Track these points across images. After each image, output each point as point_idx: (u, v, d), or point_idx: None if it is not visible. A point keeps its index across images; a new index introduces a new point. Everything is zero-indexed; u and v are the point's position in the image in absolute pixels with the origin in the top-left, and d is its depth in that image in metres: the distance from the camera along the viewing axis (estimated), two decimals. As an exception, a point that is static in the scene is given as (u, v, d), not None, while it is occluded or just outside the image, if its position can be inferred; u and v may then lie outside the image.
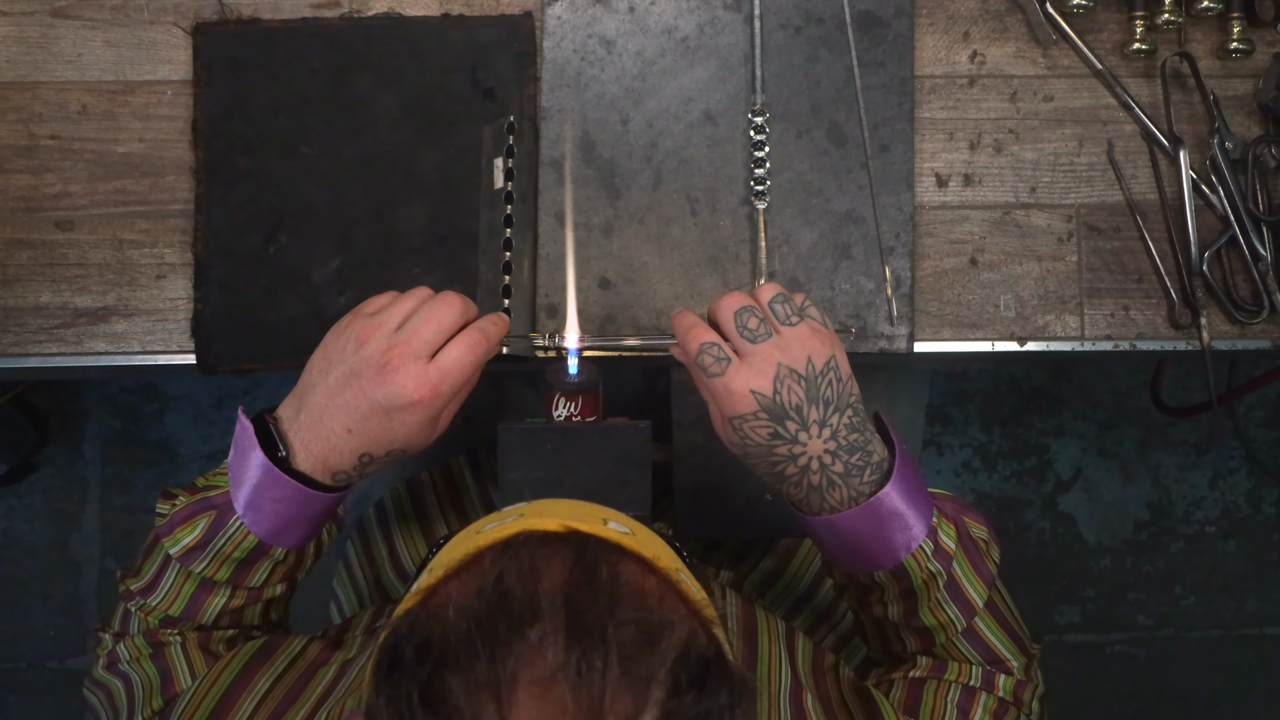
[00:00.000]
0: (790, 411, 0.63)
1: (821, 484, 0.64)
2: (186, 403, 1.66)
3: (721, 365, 0.64)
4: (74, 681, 1.64)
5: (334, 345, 0.67)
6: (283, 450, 0.67)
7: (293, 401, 0.68)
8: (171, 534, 0.71)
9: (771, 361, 0.63)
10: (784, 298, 0.66)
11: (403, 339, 0.65)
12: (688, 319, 0.67)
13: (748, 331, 0.64)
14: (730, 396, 0.64)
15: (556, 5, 0.81)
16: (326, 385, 0.66)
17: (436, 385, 0.65)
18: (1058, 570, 1.71)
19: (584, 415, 0.71)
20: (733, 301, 0.66)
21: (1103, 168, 0.83)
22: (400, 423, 0.65)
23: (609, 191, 0.81)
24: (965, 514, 0.73)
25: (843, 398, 0.65)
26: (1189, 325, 0.82)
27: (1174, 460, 1.72)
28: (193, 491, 0.72)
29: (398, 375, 0.64)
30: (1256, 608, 1.72)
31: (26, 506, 1.65)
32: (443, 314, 0.67)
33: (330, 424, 0.66)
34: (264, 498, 0.67)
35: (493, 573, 0.46)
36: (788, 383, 0.63)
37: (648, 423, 0.70)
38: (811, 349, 0.64)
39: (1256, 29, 0.84)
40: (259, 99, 0.81)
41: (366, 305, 0.69)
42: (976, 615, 0.70)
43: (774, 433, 0.64)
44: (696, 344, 0.65)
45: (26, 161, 0.82)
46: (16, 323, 0.81)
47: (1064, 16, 0.83)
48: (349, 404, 0.65)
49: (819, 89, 0.81)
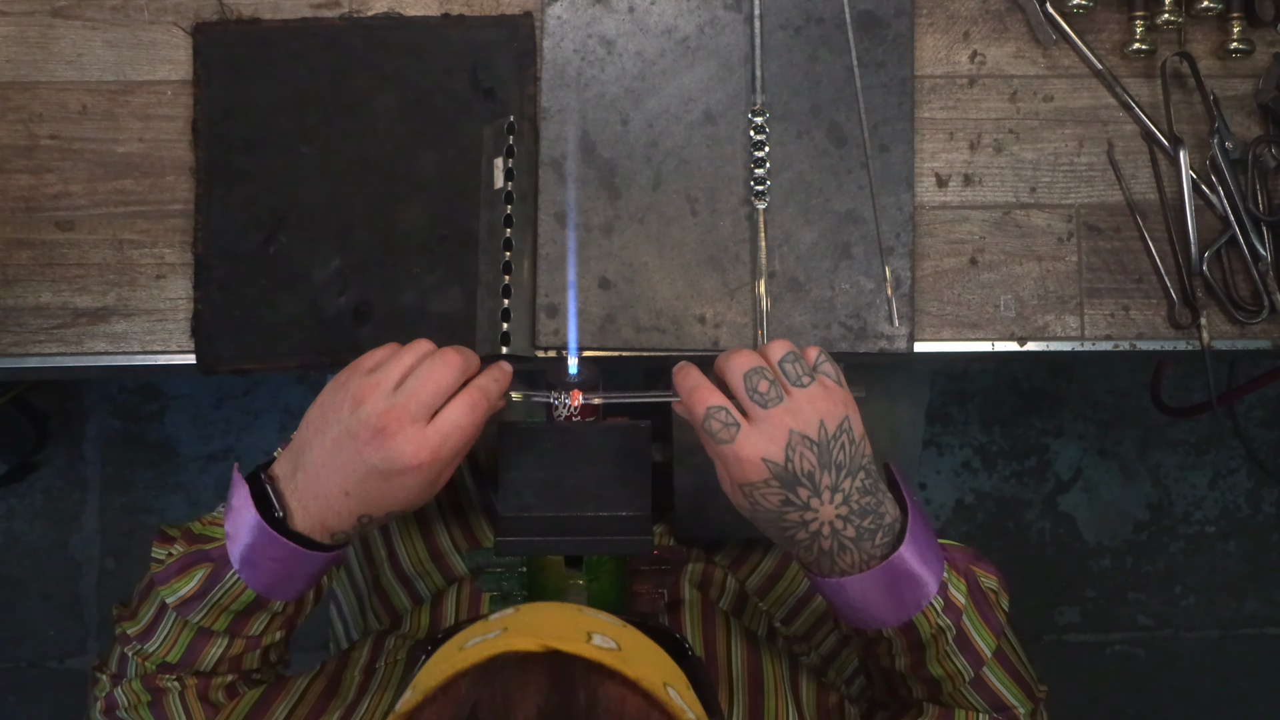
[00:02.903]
0: (802, 478, 0.61)
1: (833, 549, 0.63)
2: (186, 403, 1.66)
3: (730, 431, 0.62)
4: (74, 681, 1.65)
5: (330, 403, 0.65)
6: (279, 511, 0.65)
7: (289, 458, 0.66)
8: (168, 583, 0.69)
9: (783, 428, 0.61)
10: (794, 356, 0.64)
11: (400, 401, 0.63)
12: (692, 377, 0.65)
13: (758, 395, 0.62)
14: (740, 464, 0.62)
15: (556, 5, 0.81)
16: (323, 445, 0.64)
17: (436, 449, 0.63)
18: (1058, 570, 1.71)
19: (584, 415, 0.71)
20: (742, 362, 0.63)
21: (1103, 168, 0.83)
22: (399, 486, 0.63)
23: (609, 191, 0.81)
24: (975, 564, 0.72)
25: (855, 460, 0.63)
26: (1189, 325, 0.82)
27: (1174, 460, 1.72)
28: (189, 539, 0.70)
29: (395, 439, 0.62)
30: (1256, 608, 1.72)
31: (26, 506, 1.65)
32: (442, 374, 0.64)
33: (328, 485, 0.64)
34: (261, 556, 0.65)
35: (467, 702, 0.45)
36: (800, 449, 0.61)
37: (648, 423, 0.70)
38: (824, 411, 0.62)
39: (1256, 29, 0.84)
40: (259, 99, 0.81)
41: (364, 360, 0.66)
42: (985, 665, 0.68)
43: (785, 500, 0.62)
44: (703, 407, 0.62)
45: (26, 161, 0.82)
46: (16, 323, 0.81)
47: (1064, 16, 0.83)
48: (346, 466, 0.63)
49: (819, 89, 0.81)
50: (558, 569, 0.71)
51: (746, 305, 0.81)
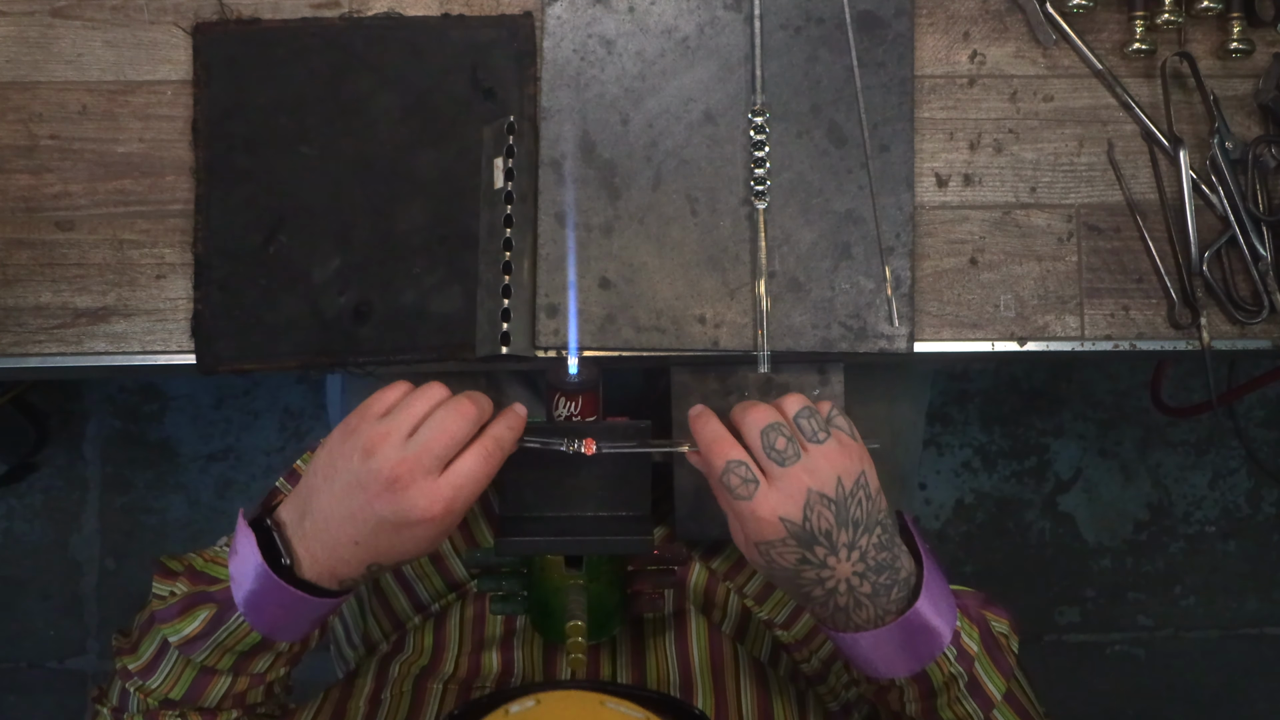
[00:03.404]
0: (819, 537, 0.61)
1: (848, 605, 0.63)
2: (186, 403, 1.66)
3: (749, 488, 0.61)
4: (74, 681, 1.65)
5: (339, 450, 0.63)
6: (286, 558, 0.64)
7: (296, 504, 0.65)
8: (170, 623, 0.67)
9: (801, 487, 0.61)
10: (809, 411, 0.63)
11: (413, 454, 0.61)
12: (710, 427, 0.64)
13: (775, 453, 0.62)
14: (758, 523, 0.61)
15: (556, 5, 0.81)
16: (331, 493, 0.63)
17: (449, 501, 0.62)
18: (1058, 570, 1.71)
19: (584, 415, 0.71)
20: (758, 417, 0.63)
21: (1103, 168, 0.83)
22: (410, 537, 0.62)
23: (609, 191, 0.81)
24: (986, 608, 0.72)
25: (872, 516, 0.63)
26: (1189, 325, 0.82)
27: (1174, 460, 1.72)
28: (192, 577, 0.69)
29: (408, 492, 0.61)
30: (1256, 608, 1.72)
31: (26, 506, 1.65)
32: (456, 424, 0.62)
33: (336, 534, 0.63)
34: (267, 601, 0.64)
35: None
36: (818, 508, 0.61)
37: (648, 423, 0.70)
38: (841, 468, 0.62)
39: (1256, 29, 0.84)
40: (259, 99, 0.81)
41: (374, 403, 0.65)
42: (995, 708, 0.68)
43: (802, 558, 0.62)
44: (722, 461, 0.62)
45: (26, 161, 0.82)
46: (16, 323, 0.81)
47: (1064, 16, 0.83)
48: (355, 516, 0.62)
49: (819, 89, 0.81)
50: (558, 569, 0.71)
51: (746, 305, 0.81)
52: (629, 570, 0.75)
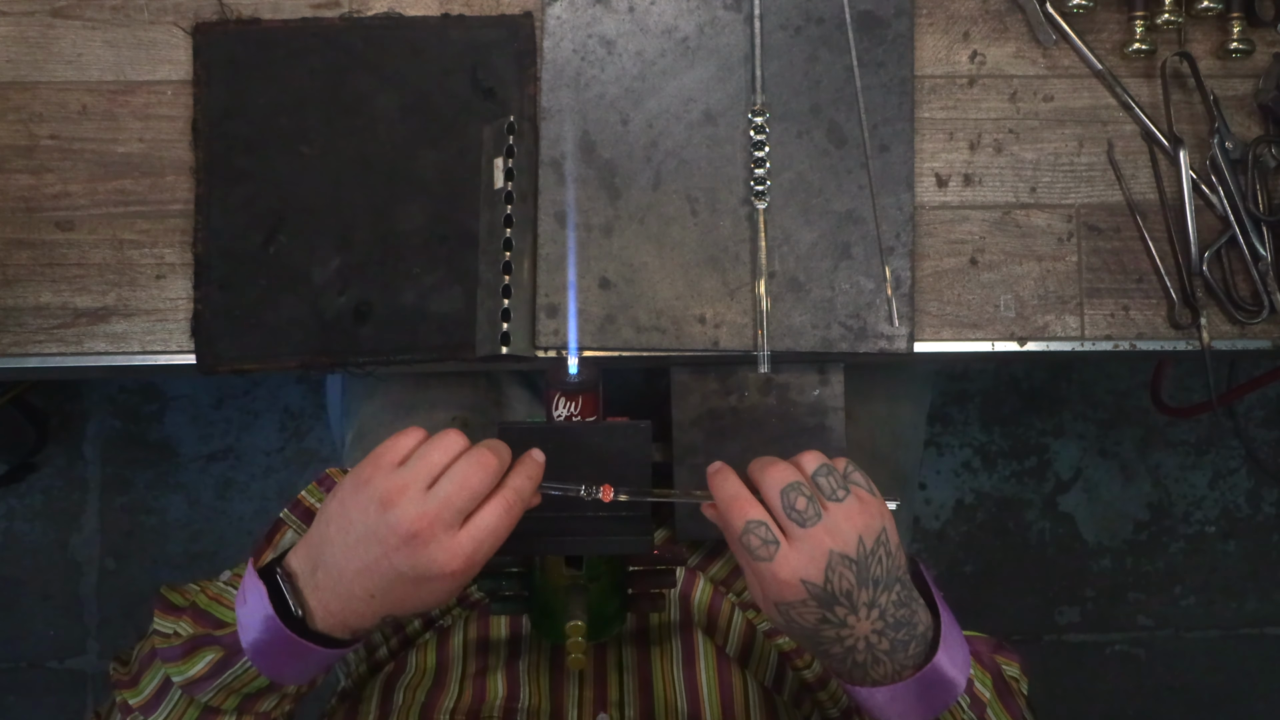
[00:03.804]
0: (840, 597, 0.61)
1: (866, 661, 0.62)
2: (186, 403, 1.66)
3: (770, 550, 0.60)
4: (74, 681, 1.65)
5: (353, 500, 0.61)
6: (298, 609, 0.62)
7: (307, 554, 0.63)
8: (174, 663, 0.66)
9: (823, 549, 0.60)
10: (828, 469, 0.63)
11: (433, 508, 0.60)
12: (730, 485, 0.63)
13: (796, 514, 0.61)
14: (778, 584, 0.61)
15: (556, 5, 0.81)
16: (346, 544, 0.61)
17: (470, 556, 0.60)
18: (1058, 570, 1.71)
19: (584, 415, 0.71)
20: (778, 476, 0.62)
21: (1103, 168, 0.83)
22: (428, 591, 0.61)
23: (609, 191, 0.81)
24: (998, 653, 0.71)
25: (891, 573, 0.62)
26: (1189, 325, 0.82)
27: (1174, 460, 1.72)
28: (197, 616, 0.67)
29: (428, 548, 0.59)
30: (1256, 608, 1.72)
31: (26, 506, 1.65)
32: (478, 478, 0.61)
33: (351, 587, 0.61)
34: (276, 650, 0.62)
35: None
36: (839, 569, 0.60)
37: (648, 423, 0.70)
38: (862, 527, 0.61)
39: (1256, 29, 0.84)
40: (259, 99, 0.81)
41: (387, 451, 0.63)
42: None
43: (822, 618, 0.61)
44: (742, 521, 0.61)
45: (26, 161, 0.82)
46: (16, 323, 0.81)
47: (1064, 16, 0.83)
48: (372, 570, 0.60)
49: (819, 89, 0.81)
50: (558, 569, 0.71)
51: (746, 305, 0.81)
52: (629, 570, 0.75)
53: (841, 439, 0.83)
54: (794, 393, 0.83)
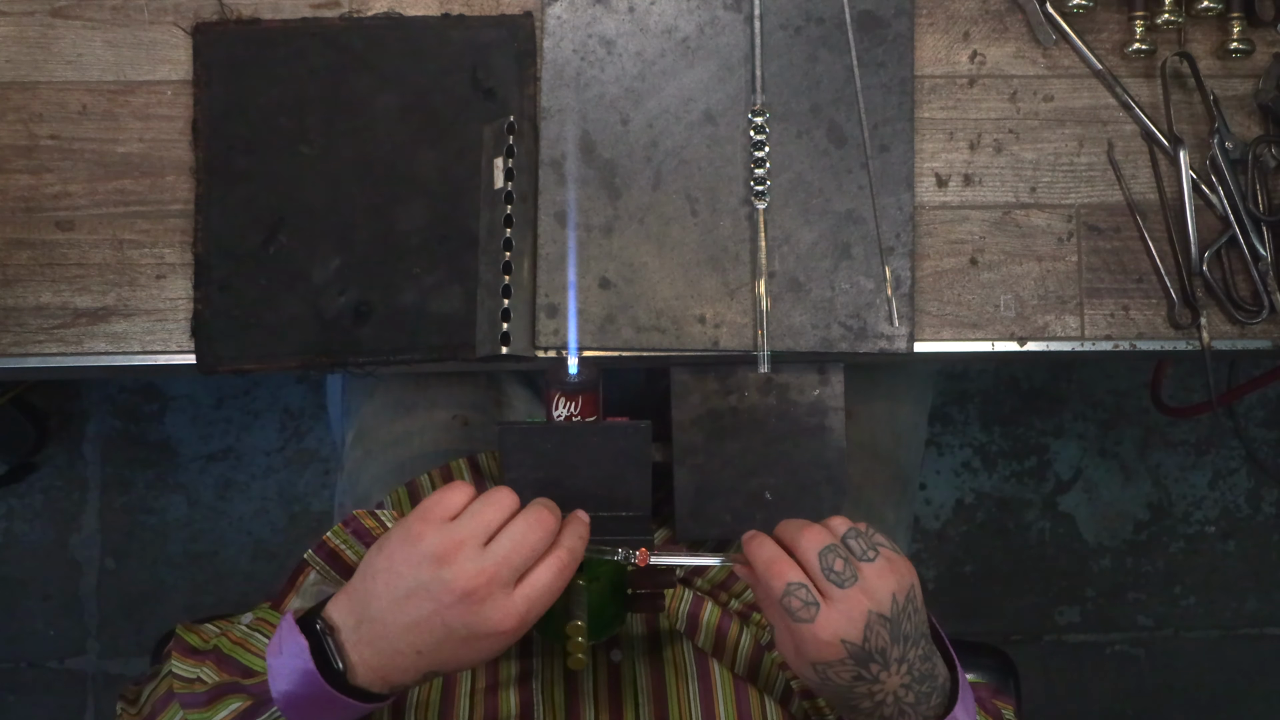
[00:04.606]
0: (875, 655, 0.62)
1: (893, 715, 0.64)
2: (186, 403, 1.66)
3: (810, 611, 0.61)
4: (74, 681, 1.65)
5: (402, 555, 0.61)
6: (339, 663, 0.61)
7: (350, 607, 0.62)
8: (196, 710, 0.65)
9: (861, 609, 0.62)
10: (856, 531, 0.64)
11: (490, 566, 0.59)
12: (767, 548, 0.64)
13: (834, 575, 0.62)
14: (818, 645, 0.62)
15: (556, 5, 0.81)
16: (394, 599, 0.60)
17: (524, 616, 0.60)
18: (1058, 570, 1.71)
19: (584, 415, 0.71)
20: (815, 539, 0.63)
21: (1103, 168, 0.83)
22: (477, 649, 0.61)
23: (609, 191, 0.81)
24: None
25: (918, 628, 0.64)
26: (1189, 325, 0.82)
27: (1174, 460, 1.72)
28: (220, 662, 0.66)
29: (483, 606, 0.59)
30: (1256, 608, 1.72)
31: (26, 506, 1.65)
32: (537, 538, 0.61)
33: (396, 643, 0.60)
34: (311, 703, 0.61)
35: None
36: (876, 628, 0.62)
37: (648, 423, 0.70)
38: (894, 585, 0.63)
39: (1256, 29, 0.84)
40: (259, 99, 0.81)
41: (436, 506, 0.62)
42: None
43: (857, 675, 0.62)
44: (781, 583, 0.62)
45: (26, 161, 0.82)
46: (16, 323, 0.81)
47: (1064, 16, 0.83)
48: (421, 626, 0.60)
49: (819, 89, 0.81)
50: (558, 569, 0.71)
51: (746, 305, 0.81)
52: (629, 570, 0.75)
53: (841, 439, 0.83)
54: (794, 393, 0.83)
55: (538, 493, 0.70)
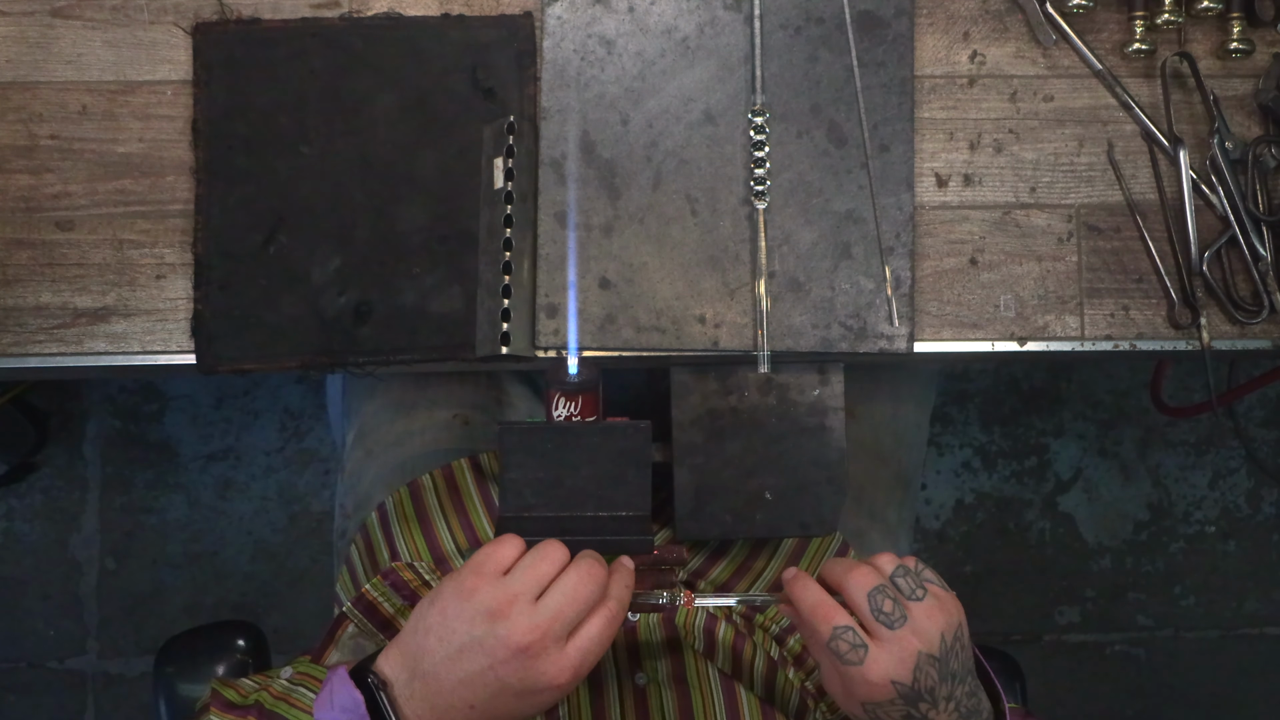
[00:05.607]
0: (925, 695, 0.62)
1: None
2: (186, 403, 1.66)
3: (859, 654, 0.62)
4: (74, 681, 1.65)
5: (455, 609, 0.61)
6: (392, 717, 0.61)
7: (402, 661, 0.62)
8: None
9: (911, 650, 0.62)
10: (904, 569, 0.64)
11: (545, 621, 0.60)
12: (812, 591, 0.64)
13: (884, 616, 0.62)
14: (868, 686, 0.62)
15: (556, 5, 0.81)
16: (447, 654, 0.60)
17: (577, 669, 0.61)
18: (1058, 570, 1.71)
19: (584, 415, 0.71)
20: (863, 580, 0.63)
21: (1103, 168, 0.83)
22: (530, 704, 0.61)
23: (609, 191, 0.81)
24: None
25: (965, 665, 0.64)
26: (1189, 325, 0.82)
27: (1174, 460, 1.72)
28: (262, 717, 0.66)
29: (538, 661, 0.59)
30: (1256, 608, 1.72)
31: (26, 506, 1.65)
32: (589, 590, 0.61)
33: (450, 698, 0.61)
34: None
35: None
36: (926, 669, 0.62)
37: (648, 423, 0.70)
38: (943, 625, 0.63)
39: (1256, 29, 0.84)
40: (259, 99, 0.81)
41: (487, 560, 0.62)
42: None
43: (906, 714, 0.63)
44: (829, 626, 0.63)
45: (26, 161, 0.82)
46: (16, 323, 0.81)
47: (1064, 16, 0.83)
48: (475, 681, 0.60)
49: (819, 89, 0.81)
50: (558, 569, 0.71)
51: (746, 305, 0.81)
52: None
53: (841, 439, 0.83)
54: (794, 393, 0.83)
55: (538, 493, 0.70)
